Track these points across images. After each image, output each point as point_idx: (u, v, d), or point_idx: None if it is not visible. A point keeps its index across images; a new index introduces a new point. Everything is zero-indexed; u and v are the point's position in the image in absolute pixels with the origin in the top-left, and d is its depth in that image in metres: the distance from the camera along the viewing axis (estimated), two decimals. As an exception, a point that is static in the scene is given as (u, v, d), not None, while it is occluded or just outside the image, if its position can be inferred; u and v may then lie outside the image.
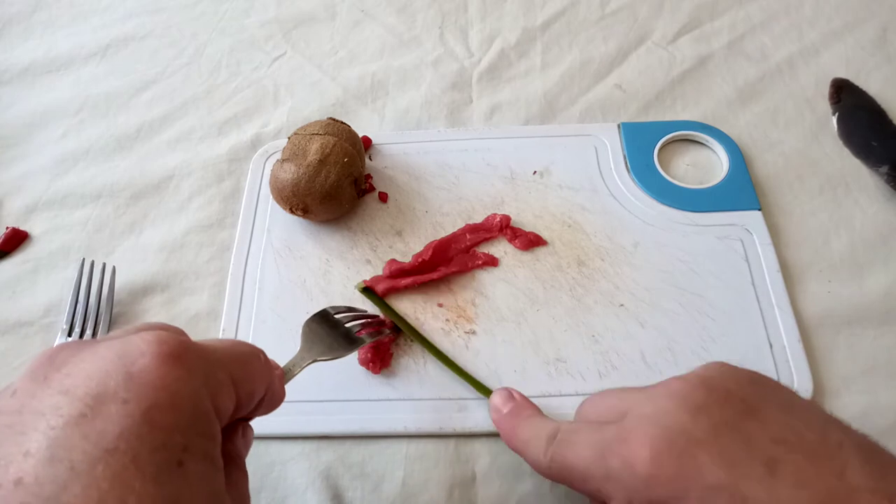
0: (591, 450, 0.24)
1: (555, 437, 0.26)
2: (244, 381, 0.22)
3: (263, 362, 0.24)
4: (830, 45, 0.52)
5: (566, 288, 0.40)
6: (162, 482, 0.17)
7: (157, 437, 0.17)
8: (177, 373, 0.18)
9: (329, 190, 0.40)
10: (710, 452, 0.21)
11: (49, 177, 0.50)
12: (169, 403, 0.18)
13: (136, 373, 0.18)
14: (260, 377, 0.24)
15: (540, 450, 0.27)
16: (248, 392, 0.22)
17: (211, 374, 0.20)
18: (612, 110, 0.50)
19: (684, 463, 0.21)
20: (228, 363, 0.21)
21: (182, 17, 0.60)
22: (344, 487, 0.35)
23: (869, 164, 0.44)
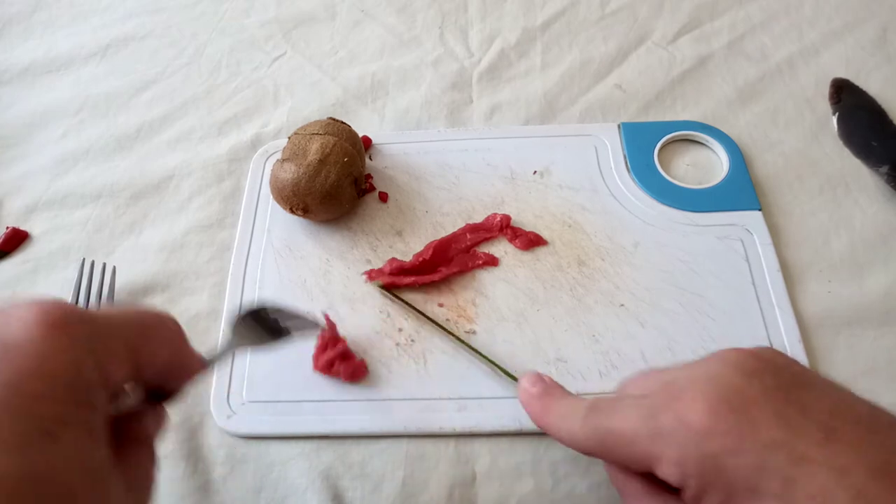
0: (639, 412, 0.23)
1: (594, 409, 0.26)
2: (143, 346, 0.21)
3: (172, 329, 0.24)
4: (830, 45, 0.52)
5: (566, 288, 0.40)
6: (23, 451, 0.16)
7: (24, 405, 0.16)
8: (54, 341, 0.18)
9: (329, 190, 0.40)
10: (766, 412, 0.21)
11: (49, 177, 0.50)
12: (39, 372, 0.17)
13: (10, 341, 0.17)
14: (167, 342, 0.23)
15: (576, 422, 0.26)
16: (148, 356, 0.22)
17: (100, 341, 0.19)
18: (612, 110, 0.50)
19: (741, 418, 0.21)
20: (123, 330, 0.21)
21: (182, 17, 0.60)
22: (344, 487, 0.35)
23: (869, 164, 0.44)
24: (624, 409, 0.24)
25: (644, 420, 0.23)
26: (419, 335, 0.39)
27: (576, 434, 0.26)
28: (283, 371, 0.38)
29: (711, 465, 0.21)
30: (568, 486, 0.34)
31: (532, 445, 0.35)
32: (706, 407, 0.22)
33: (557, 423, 0.28)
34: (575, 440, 0.26)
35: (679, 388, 0.23)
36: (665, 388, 0.24)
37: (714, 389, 0.22)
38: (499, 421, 0.35)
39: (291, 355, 0.38)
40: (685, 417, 0.22)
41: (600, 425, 0.25)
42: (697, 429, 0.21)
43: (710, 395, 0.22)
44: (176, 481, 0.35)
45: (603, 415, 0.25)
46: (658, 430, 0.22)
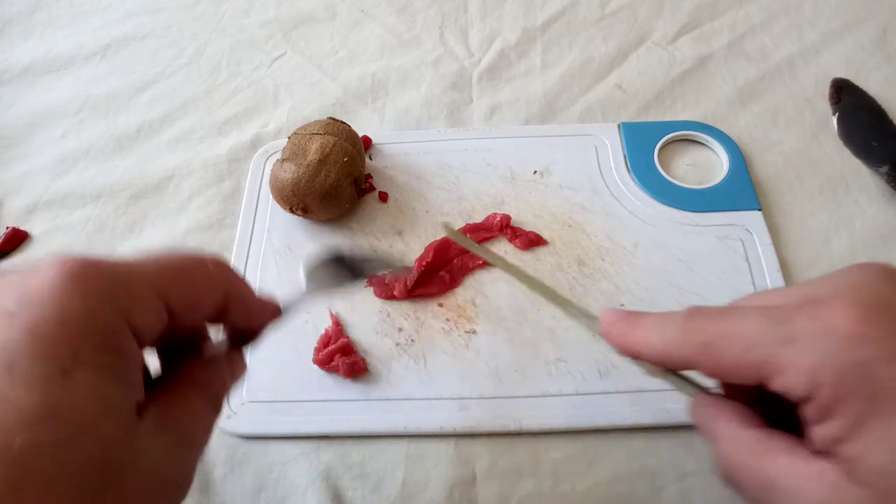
0: (765, 317, 0.21)
1: (699, 313, 0.23)
2: (177, 289, 0.21)
3: (212, 268, 0.23)
4: (830, 45, 0.52)
5: (566, 287, 0.40)
6: (43, 388, 0.17)
7: (39, 347, 0.17)
8: (71, 288, 0.18)
9: (329, 190, 0.40)
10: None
11: (49, 177, 0.50)
12: (58, 317, 0.18)
13: (30, 290, 0.18)
14: (205, 283, 0.23)
15: (675, 326, 0.23)
16: (184, 300, 0.22)
17: (118, 288, 0.20)
18: (612, 110, 0.50)
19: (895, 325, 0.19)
20: (152, 276, 0.21)
21: (182, 17, 0.60)
22: (344, 487, 0.35)
23: (869, 164, 0.44)
24: (743, 314, 0.22)
25: (773, 324, 0.21)
26: (419, 335, 0.39)
27: (674, 338, 0.23)
28: (283, 371, 0.38)
29: (858, 372, 0.19)
30: (568, 486, 0.34)
31: (532, 445, 0.35)
32: (858, 312, 0.19)
33: (648, 332, 0.25)
34: (671, 345, 0.23)
35: (819, 296, 0.21)
36: (797, 297, 0.22)
37: (865, 296, 0.20)
38: (499, 421, 0.35)
39: (292, 355, 0.38)
40: (832, 322, 0.20)
41: (708, 327, 0.22)
42: (847, 334, 0.19)
43: (861, 301, 0.20)
44: (176, 481, 0.35)
45: (713, 318, 0.23)
46: (792, 335, 0.20)
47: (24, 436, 0.16)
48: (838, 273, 0.22)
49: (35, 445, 0.16)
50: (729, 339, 0.22)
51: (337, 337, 0.38)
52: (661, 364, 0.25)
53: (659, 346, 0.24)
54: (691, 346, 0.23)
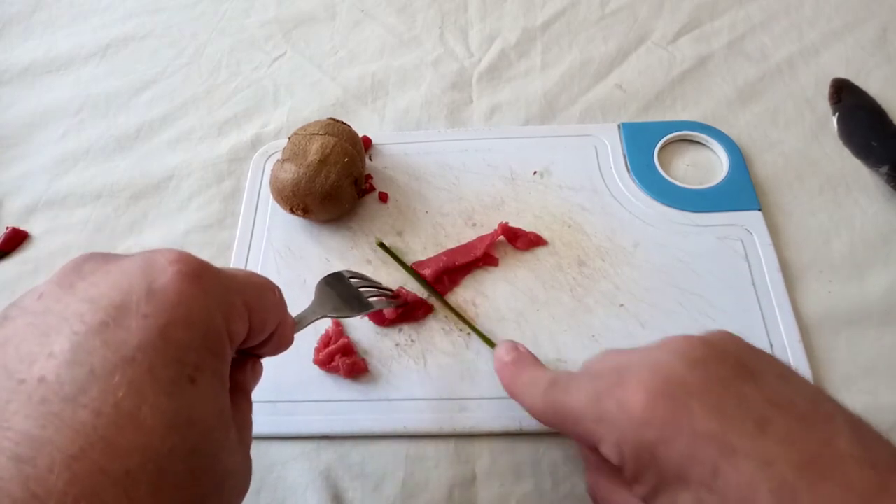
0: (588, 394, 0.25)
1: (554, 384, 0.27)
2: (258, 309, 0.22)
3: (278, 296, 0.25)
4: (830, 45, 0.52)
5: (566, 288, 0.40)
6: (173, 395, 0.17)
7: (172, 352, 0.18)
8: (194, 292, 0.19)
9: (329, 190, 0.40)
10: (704, 403, 0.22)
11: (49, 177, 0.50)
12: (185, 321, 0.18)
13: (157, 289, 0.19)
14: (273, 309, 0.24)
15: (538, 394, 0.28)
16: (260, 320, 0.23)
17: (226, 297, 0.21)
18: (612, 110, 0.50)
19: (677, 408, 0.22)
20: (244, 290, 0.22)
21: (182, 17, 0.60)
22: (344, 488, 0.35)
23: (869, 164, 0.44)
24: (577, 388, 0.26)
25: (591, 402, 0.24)
26: (419, 335, 0.39)
27: (536, 405, 0.28)
28: (283, 371, 0.38)
29: (646, 452, 0.22)
30: (568, 486, 0.34)
31: (532, 445, 0.35)
32: (645, 396, 0.22)
33: (523, 392, 0.29)
34: (535, 410, 0.28)
35: (625, 376, 0.24)
36: (615, 371, 0.25)
37: (655, 378, 0.23)
38: (499, 421, 0.35)
39: (291, 355, 0.38)
40: (625, 404, 0.23)
41: (556, 400, 0.27)
42: (635, 416, 0.22)
43: (650, 384, 0.23)
44: (176, 481, 0.35)
45: (560, 390, 0.27)
46: (601, 414, 0.24)
47: (166, 442, 0.17)
48: (650, 348, 0.25)
49: (173, 451, 0.17)
50: (566, 413, 0.26)
51: (337, 337, 0.38)
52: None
53: (528, 408, 0.29)
54: (548, 415, 0.27)
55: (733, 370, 0.23)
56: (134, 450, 0.16)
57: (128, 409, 0.16)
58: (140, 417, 0.16)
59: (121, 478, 0.16)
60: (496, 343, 0.35)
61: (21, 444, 0.15)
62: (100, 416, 0.16)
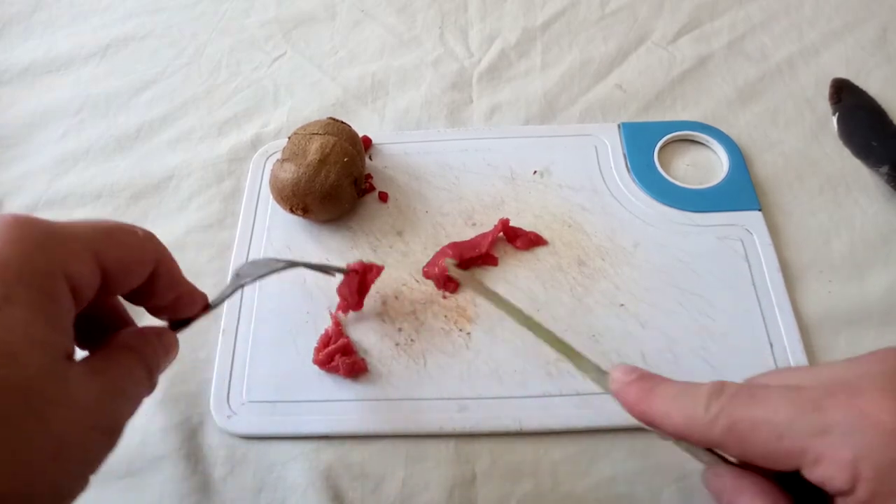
0: (796, 403, 0.21)
1: (723, 392, 0.23)
2: (110, 249, 0.23)
3: (141, 236, 0.25)
4: (830, 45, 0.52)
5: (566, 288, 0.40)
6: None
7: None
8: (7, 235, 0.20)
9: (329, 190, 0.40)
10: None
11: (49, 177, 0.50)
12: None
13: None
14: (135, 249, 0.24)
15: (699, 406, 0.23)
16: (117, 260, 0.23)
17: (57, 239, 0.21)
18: (612, 110, 0.50)
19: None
20: (87, 233, 0.22)
21: (182, 17, 0.60)
22: (344, 488, 0.35)
23: (869, 164, 0.44)
24: (768, 396, 0.22)
25: (804, 412, 0.20)
26: (419, 335, 0.39)
27: (697, 418, 0.23)
28: (283, 371, 0.38)
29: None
30: (568, 486, 0.34)
31: (532, 445, 0.35)
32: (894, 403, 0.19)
33: (668, 406, 0.24)
34: (695, 424, 0.23)
35: (853, 384, 0.21)
36: (827, 380, 0.21)
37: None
38: (499, 421, 0.35)
39: (291, 354, 0.38)
40: (869, 414, 0.19)
41: (735, 411, 0.22)
42: (887, 428, 0.19)
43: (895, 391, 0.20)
44: (176, 481, 0.35)
45: (738, 399, 0.22)
46: (826, 426, 0.20)
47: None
48: (867, 357, 0.22)
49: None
50: (758, 425, 0.21)
51: (337, 337, 0.38)
52: (680, 438, 0.24)
53: (679, 423, 0.23)
54: (717, 429, 0.22)
55: None
56: None
57: None
58: None
59: None
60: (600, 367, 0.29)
61: None
62: None
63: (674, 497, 0.33)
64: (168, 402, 0.37)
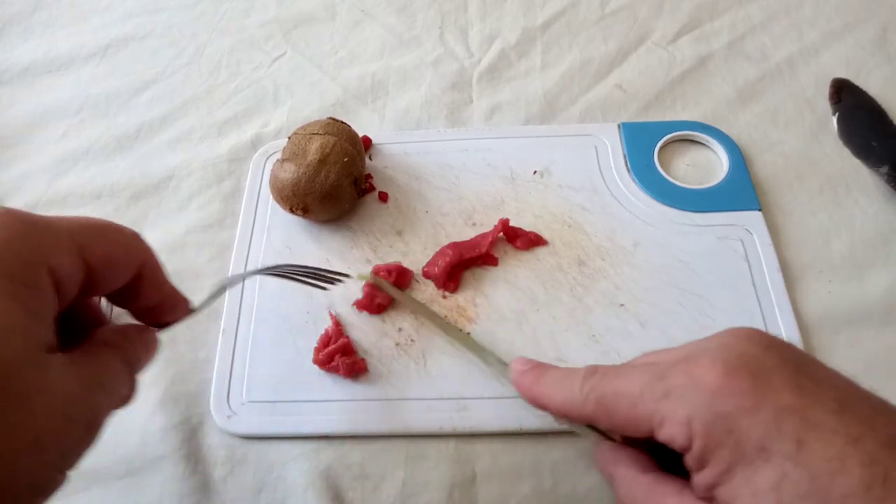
0: (646, 375, 0.24)
1: (594, 372, 0.26)
2: (95, 245, 0.22)
3: (127, 235, 0.25)
4: (830, 45, 0.52)
5: (566, 288, 0.40)
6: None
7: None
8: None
9: (329, 190, 0.40)
10: (782, 378, 0.21)
11: (49, 177, 0.50)
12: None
13: None
14: (121, 246, 0.24)
15: (575, 387, 0.26)
16: (102, 256, 0.23)
17: (40, 231, 0.21)
18: (612, 110, 0.50)
19: (756, 381, 0.21)
20: (71, 227, 0.22)
21: (182, 17, 0.60)
22: (344, 488, 0.35)
23: (869, 164, 0.44)
24: (629, 372, 0.25)
25: (652, 381, 0.23)
26: (419, 335, 0.39)
27: (574, 396, 0.26)
28: (283, 371, 0.38)
29: (723, 424, 0.21)
30: (568, 486, 0.34)
31: (532, 445, 0.35)
32: (722, 369, 0.22)
33: (552, 389, 0.28)
34: (572, 402, 0.26)
35: (692, 355, 0.23)
36: (676, 355, 0.24)
37: (730, 355, 0.22)
38: (499, 421, 0.35)
39: (291, 354, 0.38)
40: (699, 378, 0.22)
41: (602, 386, 0.25)
42: (711, 388, 0.21)
43: (726, 359, 0.22)
44: (176, 481, 0.35)
45: (605, 377, 0.25)
46: (667, 390, 0.23)
47: None
48: (713, 336, 0.24)
49: None
50: (618, 396, 0.24)
51: (337, 337, 0.38)
52: (563, 417, 0.28)
53: (559, 402, 0.27)
54: (589, 405, 0.25)
55: (801, 358, 0.23)
56: None
57: None
58: None
59: None
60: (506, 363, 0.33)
61: None
62: None
63: (674, 497, 0.33)
64: (168, 402, 0.37)
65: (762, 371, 0.22)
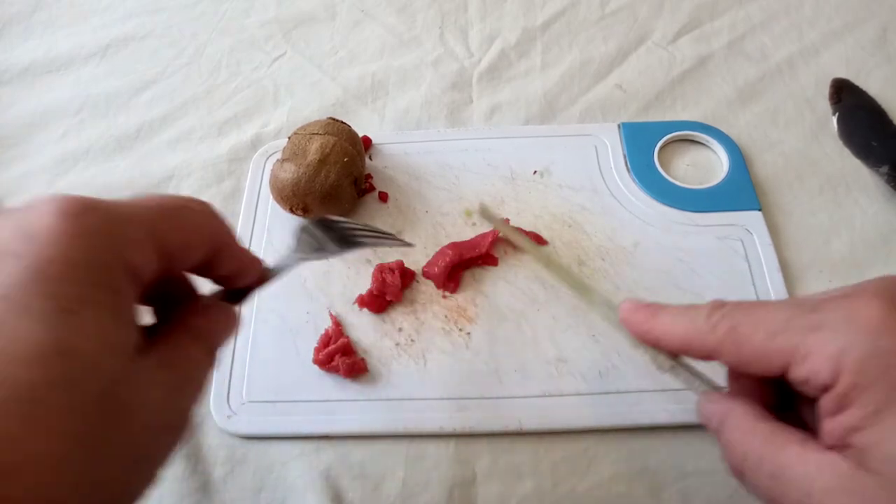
0: (793, 307, 0.22)
1: (723, 305, 0.24)
2: (172, 230, 0.22)
3: (201, 210, 0.23)
4: (830, 45, 0.52)
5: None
6: (50, 327, 0.17)
7: (48, 287, 0.18)
8: (73, 229, 0.19)
9: (329, 190, 0.40)
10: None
11: (49, 177, 0.50)
12: (62, 257, 0.18)
13: (33, 231, 0.19)
14: (197, 227, 0.23)
15: (700, 317, 0.24)
16: (179, 242, 0.22)
17: (114, 227, 0.20)
18: (612, 110, 0.50)
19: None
20: (146, 217, 0.21)
21: (182, 17, 0.60)
22: (344, 488, 0.35)
23: (869, 164, 0.44)
24: (771, 304, 0.23)
25: (802, 313, 0.22)
26: (419, 335, 0.39)
27: (699, 326, 0.24)
28: (283, 371, 0.38)
29: (880, 362, 0.19)
30: (568, 486, 0.34)
31: (532, 445, 0.35)
32: (883, 304, 0.20)
33: (671, 321, 0.25)
34: (697, 333, 0.24)
35: (847, 292, 0.22)
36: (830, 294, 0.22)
37: (891, 292, 0.21)
38: (499, 421, 0.35)
39: (291, 354, 0.38)
40: (857, 312, 0.20)
41: (736, 315, 0.23)
42: (871, 323, 0.20)
43: (887, 295, 0.21)
44: (176, 481, 0.35)
45: (740, 307, 0.23)
46: (819, 323, 0.21)
47: (37, 372, 0.16)
48: (866, 281, 0.22)
49: (47, 382, 0.16)
50: (755, 325, 0.22)
51: (337, 337, 0.38)
52: (681, 352, 0.25)
53: (681, 333, 0.25)
54: (718, 333, 0.23)
55: None
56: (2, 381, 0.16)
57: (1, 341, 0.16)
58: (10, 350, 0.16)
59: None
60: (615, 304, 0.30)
61: None
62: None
63: (674, 497, 0.33)
64: (168, 402, 0.37)
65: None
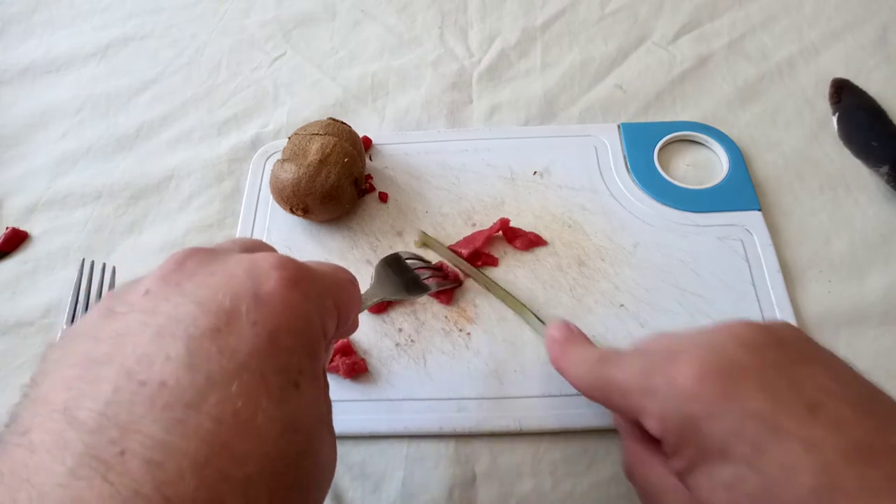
0: (637, 368, 0.25)
1: (603, 359, 0.28)
2: (343, 305, 0.23)
3: (357, 289, 0.25)
4: (830, 45, 0.52)
5: (566, 288, 0.40)
6: (282, 401, 0.18)
7: (280, 359, 0.18)
8: (296, 298, 0.20)
9: (329, 190, 0.40)
10: (756, 383, 0.22)
11: (49, 177, 0.50)
12: (289, 327, 0.19)
13: (263, 296, 0.19)
14: (355, 303, 0.25)
15: (586, 367, 0.29)
16: (345, 316, 0.23)
17: (321, 299, 0.21)
18: (612, 110, 0.50)
19: (727, 387, 0.22)
20: (332, 288, 0.22)
21: (182, 17, 0.60)
22: (344, 488, 0.35)
23: (869, 164, 0.44)
24: (626, 363, 0.26)
25: (640, 376, 0.25)
26: (419, 335, 0.39)
27: (583, 378, 0.29)
28: (283, 371, 0.38)
29: (689, 425, 0.22)
30: (568, 486, 0.34)
31: (532, 445, 0.35)
32: (695, 372, 0.23)
33: (570, 368, 0.30)
34: (581, 384, 0.29)
35: (678, 353, 0.24)
36: (667, 349, 0.25)
37: (709, 357, 0.23)
38: (499, 421, 0.35)
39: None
40: (674, 379, 0.23)
41: (603, 374, 0.27)
42: (682, 390, 0.23)
43: (702, 362, 0.23)
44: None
45: (608, 365, 0.27)
46: (649, 387, 0.24)
47: (278, 447, 0.17)
48: (710, 328, 0.25)
49: (284, 455, 0.17)
50: (613, 386, 0.27)
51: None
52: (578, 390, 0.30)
53: (574, 382, 0.30)
54: (594, 390, 0.28)
55: (789, 356, 0.23)
56: (251, 456, 0.17)
57: (245, 417, 0.17)
58: (256, 425, 0.17)
59: (241, 484, 0.16)
60: (545, 322, 0.36)
61: (151, 448, 0.16)
62: (221, 424, 0.16)
63: (674, 497, 0.33)
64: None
65: (736, 376, 0.22)
